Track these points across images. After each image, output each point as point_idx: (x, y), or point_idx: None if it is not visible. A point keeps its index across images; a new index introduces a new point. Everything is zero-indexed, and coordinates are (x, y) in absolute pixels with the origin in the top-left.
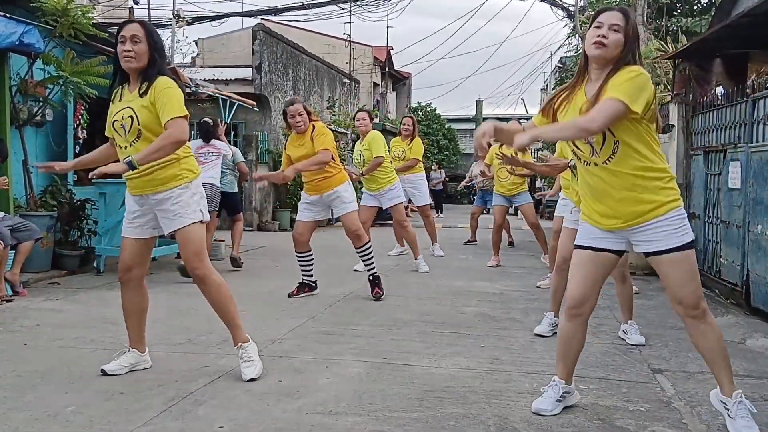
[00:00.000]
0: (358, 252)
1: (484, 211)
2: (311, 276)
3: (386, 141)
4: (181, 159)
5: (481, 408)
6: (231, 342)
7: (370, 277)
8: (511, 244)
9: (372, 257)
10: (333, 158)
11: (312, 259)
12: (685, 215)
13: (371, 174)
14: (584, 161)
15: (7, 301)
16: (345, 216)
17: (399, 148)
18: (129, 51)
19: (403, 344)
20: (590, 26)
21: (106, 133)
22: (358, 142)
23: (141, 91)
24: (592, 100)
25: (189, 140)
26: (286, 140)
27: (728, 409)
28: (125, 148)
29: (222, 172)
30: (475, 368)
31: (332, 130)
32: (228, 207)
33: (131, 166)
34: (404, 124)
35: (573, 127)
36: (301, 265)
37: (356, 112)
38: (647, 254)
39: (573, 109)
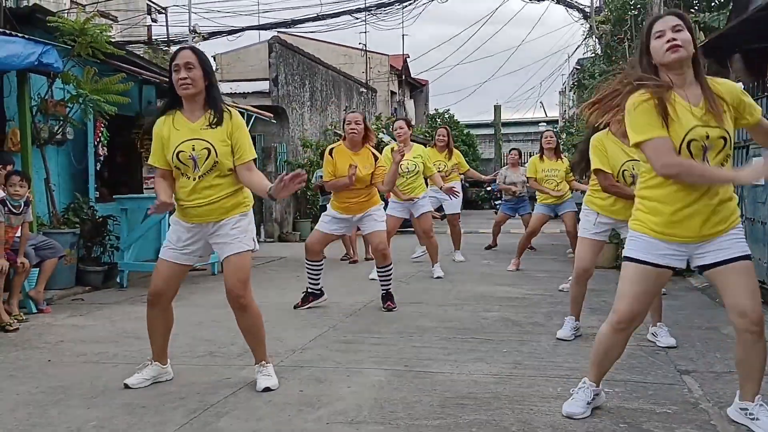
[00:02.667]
0: (380, 270)
1: (512, 217)
2: (318, 284)
3: None
4: (243, 188)
5: (504, 414)
6: (252, 356)
7: (383, 293)
8: (531, 248)
9: (391, 277)
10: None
11: (322, 268)
12: None
13: (409, 184)
14: None
15: (19, 321)
16: (374, 233)
17: (440, 162)
18: (185, 78)
19: (425, 351)
20: (648, 39)
21: (157, 164)
22: (390, 149)
23: (212, 122)
24: (715, 108)
25: None
26: (332, 149)
27: (751, 413)
28: (192, 179)
29: None
30: (497, 374)
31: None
32: None
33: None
34: (439, 135)
35: None
36: (310, 274)
37: (394, 121)
38: (714, 265)
39: (689, 119)
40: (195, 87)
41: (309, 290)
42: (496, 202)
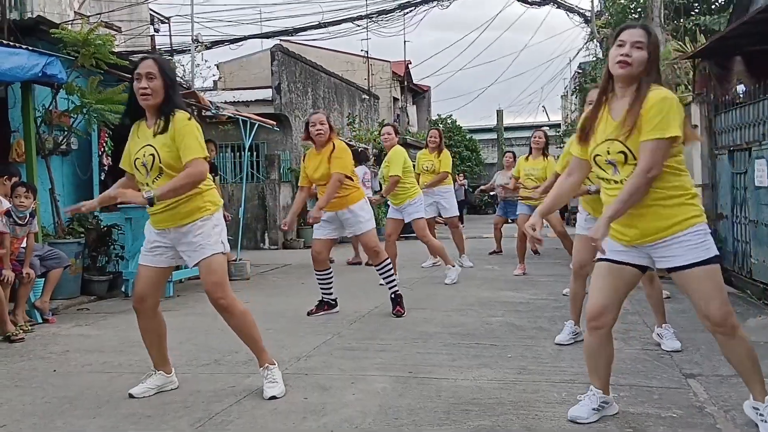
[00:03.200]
0: (377, 269)
1: (509, 221)
2: (331, 294)
3: (411, 154)
4: (204, 192)
5: (509, 419)
6: (257, 361)
7: (392, 296)
8: (536, 252)
9: (391, 274)
10: (350, 178)
11: (331, 277)
12: (708, 231)
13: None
14: (604, 178)
15: (25, 331)
16: (362, 235)
17: (428, 161)
18: (145, 88)
19: (429, 357)
20: (613, 44)
21: (124, 167)
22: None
23: (159, 128)
24: (627, 124)
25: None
26: (305, 154)
27: (762, 414)
28: (146, 185)
29: None
30: (502, 379)
31: (351, 146)
32: None
33: (151, 202)
34: (431, 137)
35: (638, 186)
36: (320, 284)
37: (382, 127)
38: (670, 270)
39: (602, 131)
40: (154, 97)
41: (324, 299)
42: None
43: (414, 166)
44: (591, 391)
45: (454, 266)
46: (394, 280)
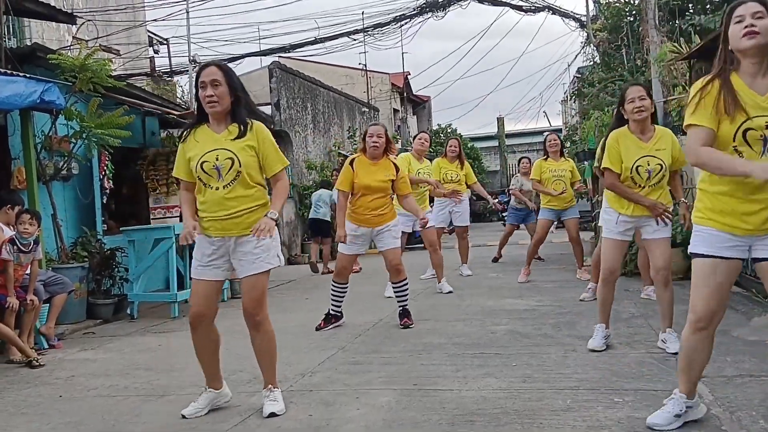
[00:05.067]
0: (395, 285)
1: (519, 227)
2: (340, 306)
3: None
4: (266, 203)
5: (514, 429)
6: (261, 379)
7: (401, 309)
8: (539, 258)
9: (407, 292)
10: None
11: (347, 290)
12: None
13: (420, 194)
14: (740, 153)
15: (32, 358)
16: (389, 250)
17: (451, 172)
18: (211, 96)
19: (433, 369)
20: (728, 24)
21: (180, 175)
22: (404, 159)
23: (236, 134)
24: None
25: None
26: (353, 159)
27: None
28: (216, 189)
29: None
30: (506, 388)
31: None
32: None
33: (276, 218)
34: (451, 146)
35: None
36: (335, 295)
37: (417, 133)
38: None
39: (753, 107)
40: (221, 104)
41: (332, 312)
42: (503, 214)
43: (429, 174)
44: (675, 396)
45: (444, 279)
46: (407, 297)
